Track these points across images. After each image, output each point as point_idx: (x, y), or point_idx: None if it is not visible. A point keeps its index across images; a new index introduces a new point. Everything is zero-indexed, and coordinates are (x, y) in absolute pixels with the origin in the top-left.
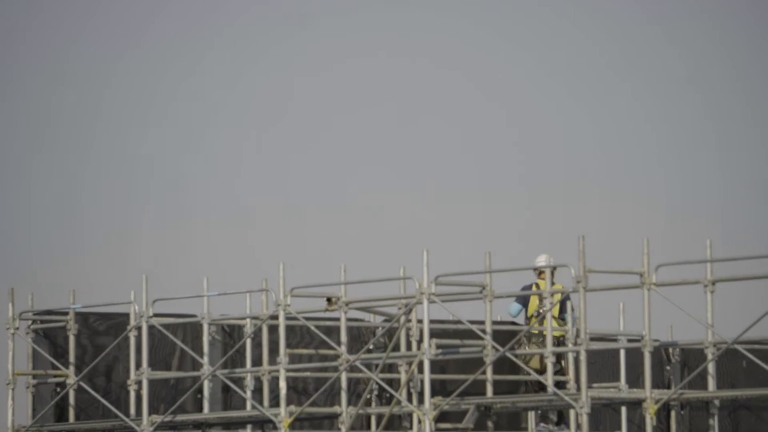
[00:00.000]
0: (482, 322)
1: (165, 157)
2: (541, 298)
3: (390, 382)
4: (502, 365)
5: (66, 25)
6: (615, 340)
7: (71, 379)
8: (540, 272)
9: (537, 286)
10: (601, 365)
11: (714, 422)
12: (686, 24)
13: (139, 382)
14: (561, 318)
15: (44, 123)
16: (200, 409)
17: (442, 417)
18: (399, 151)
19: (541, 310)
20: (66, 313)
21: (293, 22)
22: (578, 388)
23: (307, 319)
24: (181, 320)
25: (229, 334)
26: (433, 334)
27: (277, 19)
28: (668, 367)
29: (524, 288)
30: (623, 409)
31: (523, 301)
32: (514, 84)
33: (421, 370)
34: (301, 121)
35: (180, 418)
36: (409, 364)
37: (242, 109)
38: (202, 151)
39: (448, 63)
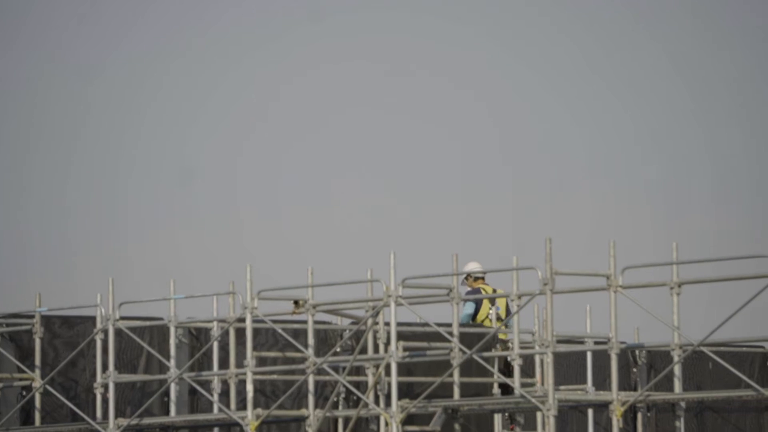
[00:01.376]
0: (449, 325)
1: (133, 160)
2: (492, 302)
3: (357, 384)
4: (470, 368)
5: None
6: (582, 343)
7: (37, 383)
8: (475, 278)
9: (485, 291)
10: (568, 367)
11: (680, 424)
12: (672, 19)
13: (105, 386)
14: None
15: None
16: (167, 413)
17: (409, 420)
18: (367, 153)
19: (489, 314)
20: (32, 316)
21: (273, 23)
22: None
23: (274, 321)
24: (147, 323)
25: (196, 337)
26: (400, 336)
27: (257, 20)
28: (635, 370)
29: (474, 291)
30: (590, 412)
31: (476, 306)
32: (488, 84)
33: (388, 373)
34: (273, 124)
35: (146, 421)
36: (377, 366)
37: (214, 111)
38: (170, 154)
39: (425, 65)
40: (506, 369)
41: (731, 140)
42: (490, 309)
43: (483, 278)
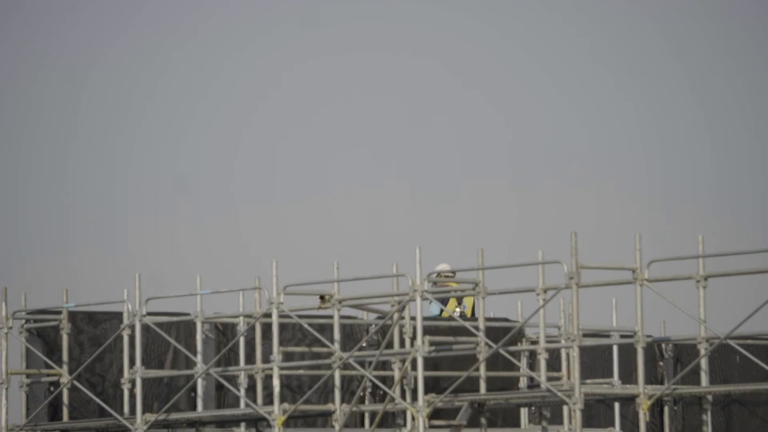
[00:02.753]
0: (475, 319)
1: (156, 155)
2: (459, 301)
3: (383, 379)
4: (496, 362)
5: (58, 21)
6: (607, 336)
7: (65, 378)
8: (446, 277)
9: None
10: (594, 361)
11: (707, 417)
12: (675, 18)
13: (132, 381)
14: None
15: (33, 121)
16: (194, 408)
17: (435, 414)
18: (393, 148)
19: (456, 310)
20: (59, 312)
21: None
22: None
23: (300, 316)
24: (174, 319)
25: (223, 332)
26: (426, 331)
27: (270, 13)
28: (661, 363)
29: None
30: (616, 405)
31: (443, 303)
32: (501, 77)
33: (414, 368)
34: (293, 118)
35: (174, 416)
36: (403, 361)
37: (233, 105)
38: (194, 148)
39: (446, 60)
40: None
41: (759, 131)
42: (456, 308)
43: (453, 277)
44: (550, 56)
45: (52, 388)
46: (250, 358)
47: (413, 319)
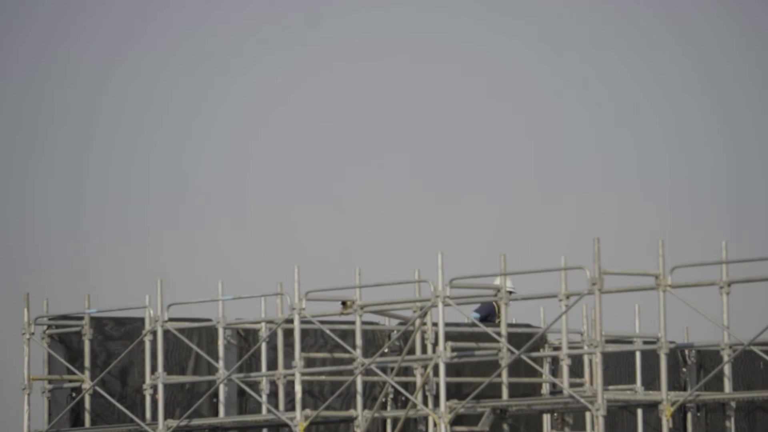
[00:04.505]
0: (498, 325)
1: (177, 160)
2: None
3: (405, 385)
4: (518, 368)
5: (71, 26)
6: (630, 342)
7: (86, 384)
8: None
9: (496, 305)
10: (617, 367)
11: (730, 424)
12: (695, 23)
13: (154, 387)
14: None
15: (54, 126)
16: (216, 414)
17: (457, 420)
18: (413, 154)
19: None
20: (81, 318)
21: (299, 21)
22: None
23: (322, 322)
24: (196, 324)
25: (244, 338)
26: (449, 337)
27: (282, 19)
28: (684, 369)
29: (483, 306)
30: (639, 412)
31: (485, 312)
32: (523, 85)
33: (436, 373)
34: (314, 122)
35: (195, 422)
36: (425, 367)
37: (253, 110)
38: (215, 153)
39: (469, 67)
40: None
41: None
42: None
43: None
44: (573, 63)
45: (74, 394)
46: (272, 364)
47: (435, 324)
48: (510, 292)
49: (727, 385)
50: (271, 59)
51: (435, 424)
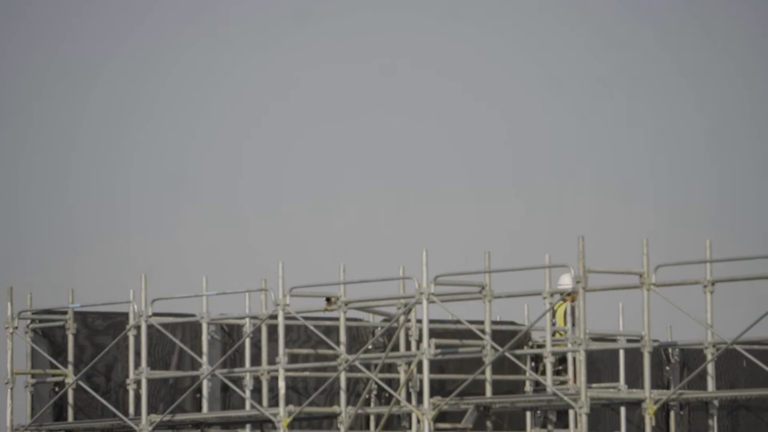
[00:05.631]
0: (481, 322)
1: (161, 157)
2: (565, 314)
3: (389, 381)
4: (502, 365)
5: (57, 21)
6: (614, 341)
7: (70, 379)
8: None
9: (556, 308)
10: (601, 365)
11: (713, 422)
12: (679, 22)
13: (138, 382)
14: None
15: (39, 121)
16: (199, 409)
17: (441, 417)
18: (399, 152)
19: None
20: (65, 313)
21: (288, 20)
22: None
23: (306, 318)
24: (180, 320)
25: (228, 333)
26: (433, 334)
27: (271, 16)
28: (667, 368)
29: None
30: (622, 410)
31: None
32: (507, 83)
33: (420, 370)
34: (299, 119)
35: (179, 417)
36: (408, 364)
37: (239, 106)
38: (200, 149)
39: (452, 67)
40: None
41: (758, 137)
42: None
43: (570, 294)
44: (554, 61)
45: (57, 389)
46: (255, 360)
47: (419, 321)
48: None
49: (711, 384)
50: (258, 60)
51: (418, 421)
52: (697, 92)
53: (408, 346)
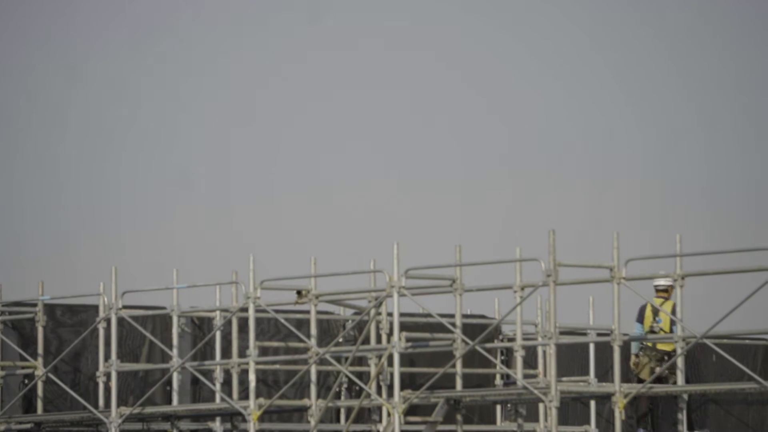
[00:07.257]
0: (452, 316)
1: (132, 152)
2: (654, 315)
3: (360, 375)
4: (472, 359)
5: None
6: (584, 334)
7: (39, 371)
8: (657, 291)
9: (651, 304)
10: (570, 359)
11: (682, 416)
12: (669, 16)
13: (107, 374)
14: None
15: (17, 116)
16: (169, 402)
17: (411, 410)
18: (369, 143)
19: (653, 326)
20: (34, 305)
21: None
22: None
23: (277, 311)
24: (150, 312)
25: (199, 326)
26: (403, 327)
27: (254, 8)
28: None
29: (640, 309)
30: (592, 403)
31: (641, 320)
32: (492, 75)
33: (390, 363)
34: (271, 112)
35: (149, 410)
36: (379, 357)
37: (209, 102)
38: (170, 145)
39: (437, 55)
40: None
41: (733, 134)
42: (653, 323)
43: (665, 291)
44: (543, 55)
45: (26, 381)
46: (226, 353)
47: (390, 315)
48: (660, 290)
49: (680, 378)
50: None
51: (389, 414)
52: (677, 84)
53: (379, 340)
